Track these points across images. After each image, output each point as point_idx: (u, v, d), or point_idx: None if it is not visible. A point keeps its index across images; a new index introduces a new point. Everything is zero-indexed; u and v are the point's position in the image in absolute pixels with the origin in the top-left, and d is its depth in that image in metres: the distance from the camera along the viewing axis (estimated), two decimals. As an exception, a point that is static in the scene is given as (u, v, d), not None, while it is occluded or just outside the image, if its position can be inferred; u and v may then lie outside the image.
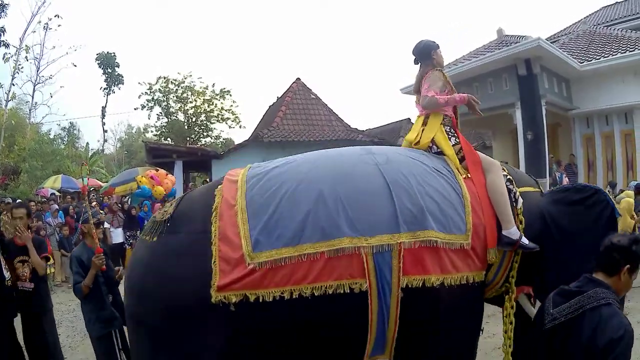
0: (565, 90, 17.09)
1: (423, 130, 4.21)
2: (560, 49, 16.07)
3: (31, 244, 5.56)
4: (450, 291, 3.41)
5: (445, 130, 4.10)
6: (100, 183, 24.53)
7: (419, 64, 4.41)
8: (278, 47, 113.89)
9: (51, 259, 10.95)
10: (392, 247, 3.31)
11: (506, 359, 3.93)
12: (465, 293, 3.50)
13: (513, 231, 3.62)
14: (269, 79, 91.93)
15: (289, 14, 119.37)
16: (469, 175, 3.85)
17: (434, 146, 4.11)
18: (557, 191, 4.35)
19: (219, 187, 3.80)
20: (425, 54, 4.32)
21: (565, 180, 14.56)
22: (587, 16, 24.88)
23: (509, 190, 3.82)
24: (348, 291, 3.24)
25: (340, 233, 3.29)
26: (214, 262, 3.30)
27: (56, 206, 12.77)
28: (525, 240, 3.67)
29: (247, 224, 3.41)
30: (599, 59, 16.04)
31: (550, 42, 15.92)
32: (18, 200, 12.88)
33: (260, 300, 3.21)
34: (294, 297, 3.22)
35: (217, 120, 38.75)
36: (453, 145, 4.05)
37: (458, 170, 3.87)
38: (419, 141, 4.21)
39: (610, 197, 4.07)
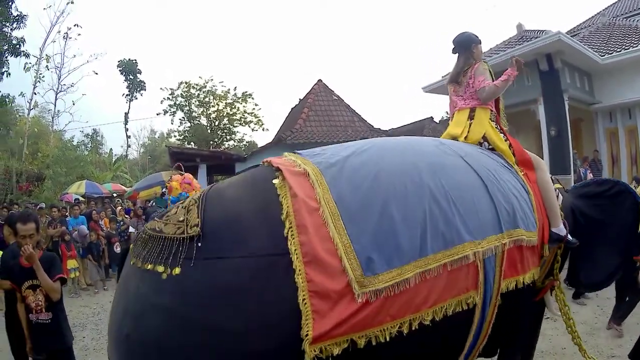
0: (587, 84, 16.89)
1: (470, 124, 3.99)
2: (581, 42, 15.85)
3: (39, 265, 4.21)
4: (526, 289, 3.18)
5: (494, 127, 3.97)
6: (125, 188, 24.76)
7: (457, 54, 4.26)
8: (299, 49, 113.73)
9: (76, 262, 11.18)
10: (498, 250, 2.87)
11: (574, 335, 4.07)
12: (529, 290, 3.33)
13: (561, 228, 3.62)
14: (290, 81, 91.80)
15: (309, 15, 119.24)
16: (524, 172, 3.67)
17: (485, 142, 3.87)
18: (580, 187, 4.54)
19: (277, 181, 2.71)
20: (466, 46, 4.19)
21: (590, 176, 14.31)
22: (606, 8, 24.51)
23: None
24: (465, 308, 2.69)
25: (460, 238, 2.70)
26: (303, 300, 2.26)
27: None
28: (569, 236, 3.68)
29: (345, 235, 2.45)
30: (619, 51, 15.81)
31: (571, 36, 15.72)
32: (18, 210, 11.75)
33: (374, 344, 2.38)
34: (413, 328, 2.48)
35: (240, 124, 38.83)
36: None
37: (517, 167, 3.68)
38: (466, 136, 3.95)
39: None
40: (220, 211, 2.62)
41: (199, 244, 2.42)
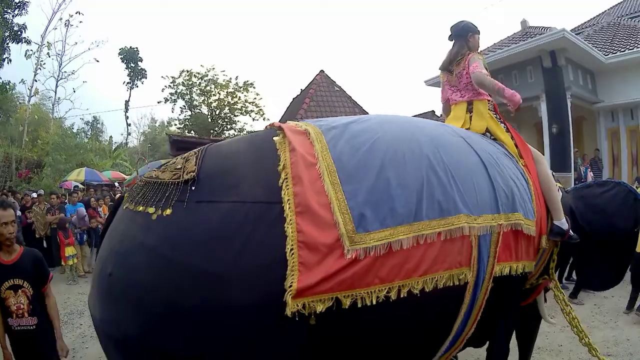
0: (590, 82, 16.87)
1: (471, 117, 3.92)
2: (585, 41, 15.83)
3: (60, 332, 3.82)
4: (517, 280, 3.11)
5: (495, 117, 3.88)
6: (124, 175, 24.77)
7: (453, 41, 4.16)
8: (302, 39, 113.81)
9: (74, 249, 11.14)
10: (493, 230, 2.79)
11: (581, 335, 3.97)
12: (520, 282, 3.27)
13: (564, 222, 3.55)
14: (292, 71, 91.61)
15: (313, 6, 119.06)
16: (525, 163, 3.57)
17: (488, 134, 3.79)
18: (580, 188, 4.54)
19: (277, 138, 2.70)
20: (462, 33, 4.07)
21: (590, 175, 14.37)
22: (611, 7, 24.44)
23: None
24: (456, 283, 2.60)
25: (456, 209, 2.63)
26: (291, 249, 2.22)
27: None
28: (571, 231, 3.61)
29: (340, 190, 2.42)
30: (623, 51, 15.79)
31: (575, 34, 15.68)
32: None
33: (359, 305, 2.30)
34: (401, 295, 2.39)
35: (241, 113, 38.49)
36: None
37: (518, 157, 3.60)
38: (468, 129, 3.81)
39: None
40: (217, 160, 2.66)
41: (193, 188, 2.45)
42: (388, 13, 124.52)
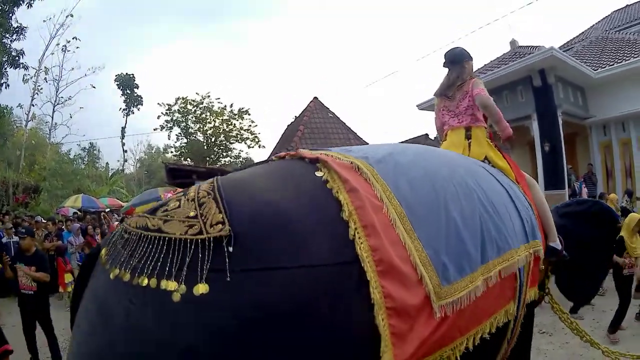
0: (580, 98, 17.02)
1: (469, 144, 3.86)
2: (574, 56, 16.09)
3: None
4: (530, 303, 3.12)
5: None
6: (121, 203, 24.75)
7: (449, 68, 4.10)
8: (295, 66, 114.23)
9: (71, 276, 11.18)
10: (527, 259, 2.75)
11: (581, 334, 4.29)
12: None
13: (558, 243, 3.64)
14: (286, 98, 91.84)
15: (305, 33, 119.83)
16: (522, 189, 3.51)
17: (486, 161, 3.67)
18: (561, 206, 4.72)
19: (321, 173, 2.12)
20: (458, 60, 4.03)
21: (584, 190, 14.51)
22: (599, 21, 24.74)
23: None
24: (509, 318, 2.51)
25: (507, 245, 2.50)
26: (382, 320, 1.74)
27: (78, 225, 12.84)
28: (563, 251, 3.73)
29: (416, 238, 2.03)
30: (612, 64, 15.97)
31: (564, 51, 15.91)
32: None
33: None
34: (475, 343, 2.18)
35: (236, 140, 38.48)
36: None
37: (516, 182, 3.54)
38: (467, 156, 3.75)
39: (628, 205, 4.45)
40: (256, 205, 1.86)
41: (230, 249, 1.65)
42: (380, 38, 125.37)
